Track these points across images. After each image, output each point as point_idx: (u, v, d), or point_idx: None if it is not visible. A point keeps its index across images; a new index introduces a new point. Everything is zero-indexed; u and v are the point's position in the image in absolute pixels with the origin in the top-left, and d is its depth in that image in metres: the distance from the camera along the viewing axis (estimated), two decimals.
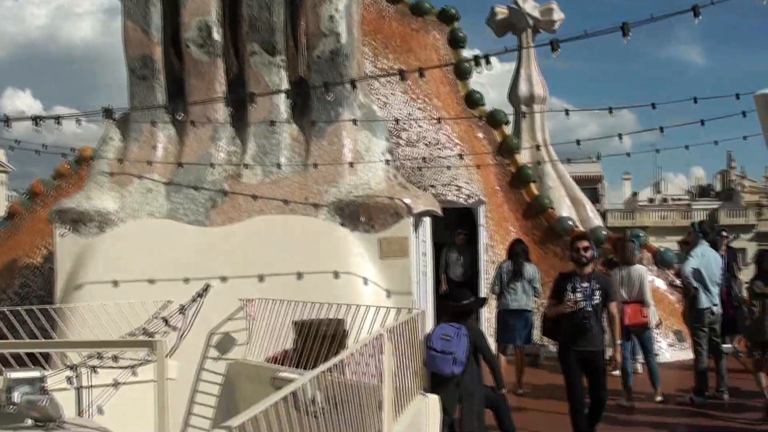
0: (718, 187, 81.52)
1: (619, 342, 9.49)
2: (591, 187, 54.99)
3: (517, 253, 12.72)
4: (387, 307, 9.53)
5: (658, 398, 11.81)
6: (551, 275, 15.54)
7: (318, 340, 9.80)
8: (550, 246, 16.95)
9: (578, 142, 11.68)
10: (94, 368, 9.54)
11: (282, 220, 12.47)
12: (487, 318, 15.85)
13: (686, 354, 14.76)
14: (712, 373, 11.81)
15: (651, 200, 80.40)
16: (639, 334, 11.76)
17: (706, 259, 11.68)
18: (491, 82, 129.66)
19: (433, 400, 8.59)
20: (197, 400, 11.93)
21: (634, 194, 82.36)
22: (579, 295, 9.08)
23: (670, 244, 19.69)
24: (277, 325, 10.72)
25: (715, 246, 12.54)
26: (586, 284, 9.10)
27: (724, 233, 13.94)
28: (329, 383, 5.55)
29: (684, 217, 68.57)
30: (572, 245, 9.41)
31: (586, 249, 9.14)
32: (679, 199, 79.66)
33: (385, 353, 6.80)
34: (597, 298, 9.10)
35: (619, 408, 11.38)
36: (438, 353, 8.60)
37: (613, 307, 9.36)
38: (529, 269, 12.66)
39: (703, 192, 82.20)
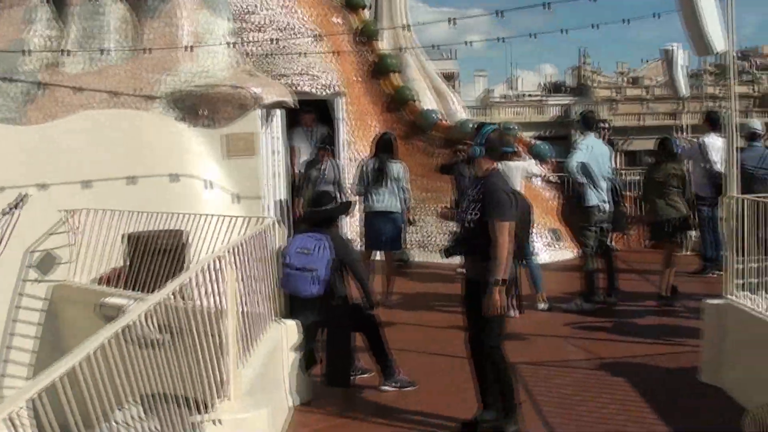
0: (571, 83, 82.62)
1: (498, 278, 6.10)
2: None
3: (380, 148, 11.33)
4: (233, 216, 8.70)
5: (542, 305, 10.76)
6: (416, 172, 14.53)
7: (154, 255, 9.10)
8: (414, 141, 15.82)
9: (454, 21, 10.39)
10: None
11: (110, 116, 11.54)
12: (348, 222, 14.60)
13: (564, 254, 14.21)
14: (599, 275, 10.92)
15: (505, 97, 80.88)
16: None
17: (594, 152, 10.70)
18: None
19: (292, 327, 7.39)
20: (15, 331, 10.92)
21: (489, 91, 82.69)
22: (464, 204, 6.67)
23: None
24: (106, 240, 9.94)
25: None
26: (472, 192, 6.58)
27: (603, 124, 12.86)
28: (166, 311, 4.65)
29: (538, 113, 69.52)
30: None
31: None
32: (533, 95, 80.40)
33: (228, 284, 5.33)
34: (473, 212, 6.42)
35: None
36: (295, 271, 7.26)
37: (498, 228, 6.19)
38: (394, 167, 11.30)
39: (556, 88, 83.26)
